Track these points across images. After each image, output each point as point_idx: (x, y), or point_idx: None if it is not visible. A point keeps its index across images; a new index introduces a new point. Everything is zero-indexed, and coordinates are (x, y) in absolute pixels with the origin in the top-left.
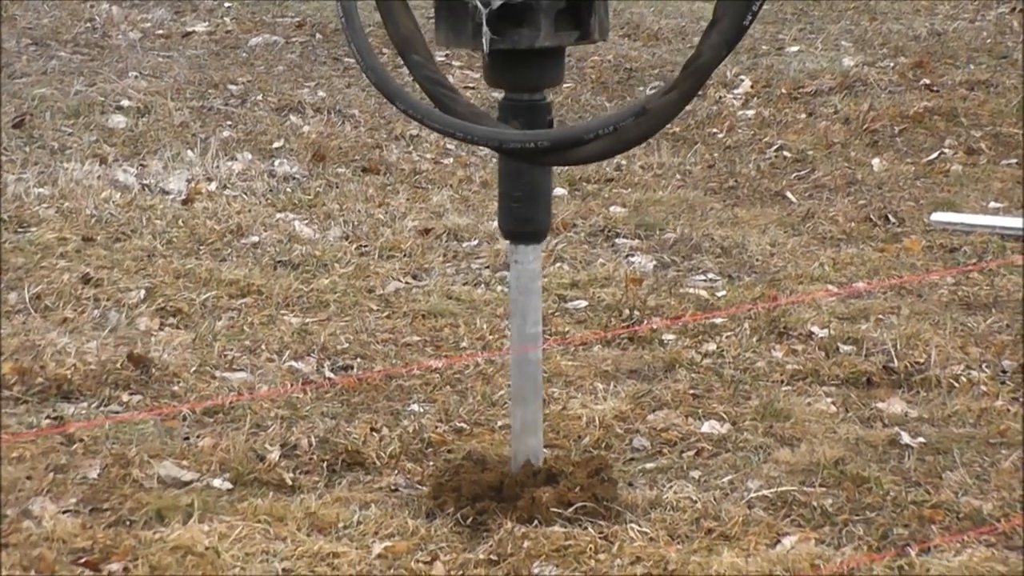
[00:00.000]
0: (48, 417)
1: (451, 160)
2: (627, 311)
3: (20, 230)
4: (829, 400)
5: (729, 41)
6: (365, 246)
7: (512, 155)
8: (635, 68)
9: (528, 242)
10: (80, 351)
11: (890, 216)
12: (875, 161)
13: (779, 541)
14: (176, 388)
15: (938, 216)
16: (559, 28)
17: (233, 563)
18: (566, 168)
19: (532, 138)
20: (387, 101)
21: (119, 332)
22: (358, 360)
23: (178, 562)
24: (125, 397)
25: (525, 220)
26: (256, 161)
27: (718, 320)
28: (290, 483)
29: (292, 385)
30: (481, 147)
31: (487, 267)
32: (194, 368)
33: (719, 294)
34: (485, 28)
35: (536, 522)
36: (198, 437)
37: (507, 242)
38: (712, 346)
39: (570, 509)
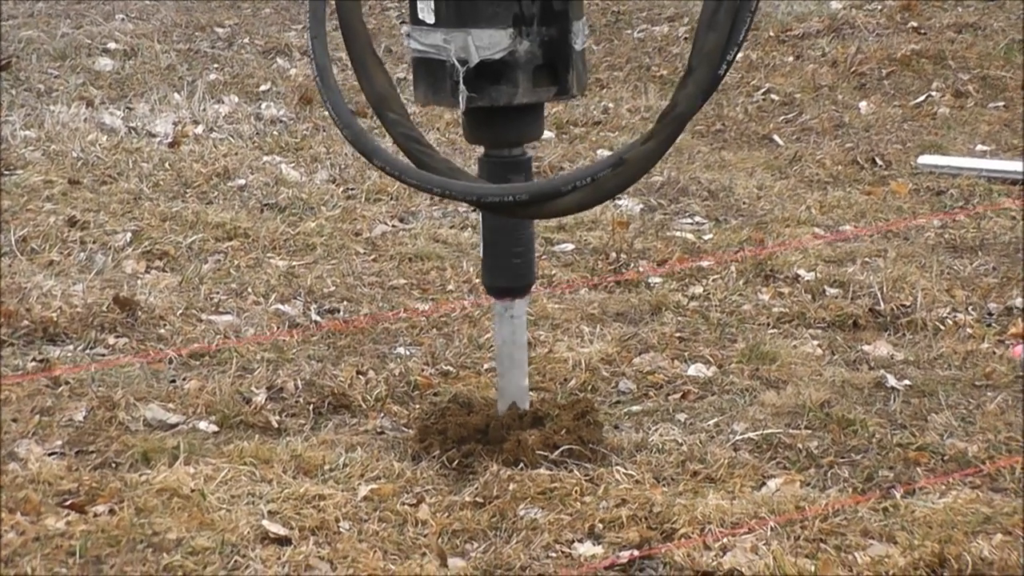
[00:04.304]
0: (34, 360)
1: None
2: (614, 254)
3: (6, 173)
4: (815, 343)
5: (705, 91)
6: (352, 189)
7: (491, 209)
8: (622, 11)
9: (522, 295)
10: (66, 294)
11: (877, 159)
12: (862, 104)
13: (764, 483)
14: (162, 331)
15: (925, 159)
16: (537, 84)
17: (219, 505)
18: (554, 110)
19: (510, 191)
20: (364, 159)
21: (105, 275)
22: (344, 303)
23: (164, 504)
24: (111, 340)
25: (521, 275)
26: (243, 104)
27: (704, 263)
28: (276, 426)
29: (278, 329)
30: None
31: (473, 210)
32: (180, 311)
33: (706, 237)
34: (462, 86)
35: (522, 465)
36: (184, 380)
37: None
38: (699, 289)
39: (556, 452)
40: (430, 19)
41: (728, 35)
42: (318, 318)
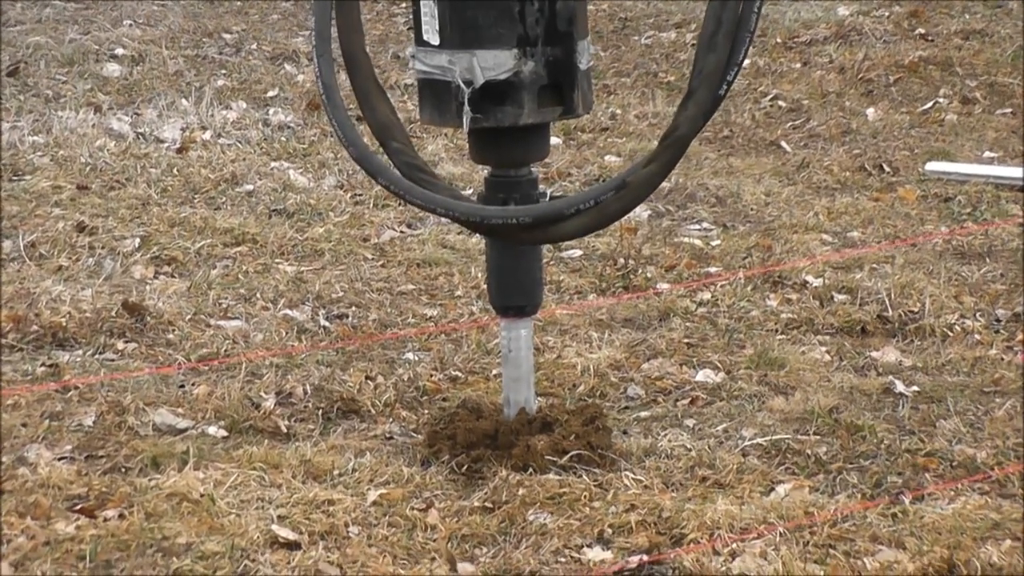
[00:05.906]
0: (43, 365)
1: None
2: (622, 260)
3: (15, 178)
4: (823, 349)
5: (705, 112)
6: (360, 195)
7: (494, 231)
8: (630, 18)
9: (532, 312)
10: (75, 299)
11: (885, 165)
12: (870, 110)
13: (773, 489)
14: (171, 336)
15: (933, 166)
16: (542, 104)
17: (228, 510)
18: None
19: (513, 214)
20: (368, 177)
21: (114, 280)
22: (353, 309)
23: (173, 509)
24: (120, 345)
25: (534, 292)
26: (250, 110)
27: (713, 268)
28: (285, 431)
29: (286, 334)
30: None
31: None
32: (189, 316)
33: (713, 243)
34: (466, 107)
35: (531, 470)
36: (193, 385)
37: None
38: (707, 295)
39: (565, 457)
40: (435, 40)
41: (728, 56)
42: (327, 323)
